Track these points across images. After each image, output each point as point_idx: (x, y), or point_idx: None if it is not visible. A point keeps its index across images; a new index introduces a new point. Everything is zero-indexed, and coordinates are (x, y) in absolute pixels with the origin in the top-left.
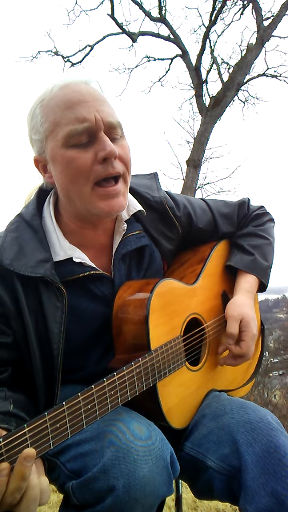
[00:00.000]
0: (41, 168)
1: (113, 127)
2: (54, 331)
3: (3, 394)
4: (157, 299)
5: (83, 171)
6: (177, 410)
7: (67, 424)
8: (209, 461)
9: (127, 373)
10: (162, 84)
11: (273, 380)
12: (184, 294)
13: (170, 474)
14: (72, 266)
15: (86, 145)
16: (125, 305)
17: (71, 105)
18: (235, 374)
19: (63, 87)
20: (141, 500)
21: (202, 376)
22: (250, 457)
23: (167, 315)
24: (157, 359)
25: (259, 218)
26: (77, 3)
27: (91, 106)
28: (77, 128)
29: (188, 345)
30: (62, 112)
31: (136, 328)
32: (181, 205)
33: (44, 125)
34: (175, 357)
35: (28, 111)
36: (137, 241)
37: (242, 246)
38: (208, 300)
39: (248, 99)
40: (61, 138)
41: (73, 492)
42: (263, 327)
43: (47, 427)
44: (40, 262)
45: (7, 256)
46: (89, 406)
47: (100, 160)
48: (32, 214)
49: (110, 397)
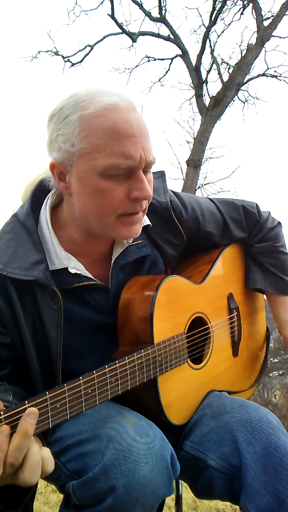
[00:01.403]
0: (57, 174)
1: (150, 164)
2: (52, 334)
3: (2, 387)
4: (163, 295)
5: (113, 203)
6: (177, 406)
7: (67, 405)
8: (209, 460)
9: (129, 362)
10: (162, 84)
11: (273, 380)
12: (190, 292)
13: (171, 474)
14: (67, 276)
15: (122, 178)
16: (131, 299)
17: (120, 137)
18: (237, 377)
19: (111, 110)
20: (141, 500)
21: (203, 375)
22: (250, 456)
23: (172, 312)
24: (159, 352)
25: (274, 230)
26: (77, 3)
27: (138, 142)
28: (121, 164)
29: (191, 343)
30: (108, 141)
31: (141, 322)
32: (189, 208)
33: (82, 143)
34: (177, 352)
35: (57, 109)
36: (138, 252)
37: (266, 268)
38: (214, 300)
39: (248, 99)
40: (99, 166)
41: (74, 492)
42: (268, 333)
43: (47, 406)
44: (33, 264)
45: (0, 260)
46: (89, 390)
47: (132, 199)
48: (26, 215)
49: (110, 384)
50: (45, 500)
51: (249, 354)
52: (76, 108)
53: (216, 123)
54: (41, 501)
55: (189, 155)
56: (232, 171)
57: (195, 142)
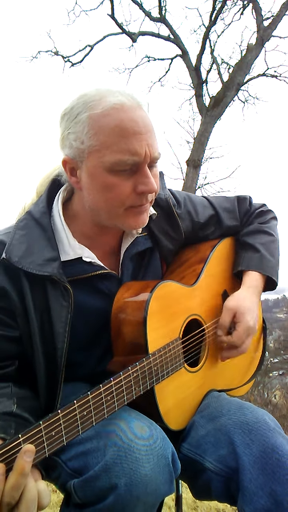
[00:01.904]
0: (69, 170)
1: (155, 160)
2: (59, 330)
3: (8, 390)
4: (156, 302)
5: (121, 198)
6: (175, 412)
7: (63, 431)
8: (206, 462)
9: (124, 378)
10: (162, 84)
11: (273, 380)
12: (184, 295)
13: (172, 472)
14: (81, 265)
15: (128, 174)
16: (123, 307)
17: (126, 135)
18: (235, 374)
19: (118, 109)
20: (143, 499)
21: (201, 376)
22: (247, 458)
23: (166, 318)
24: (154, 362)
25: (263, 216)
26: (77, 3)
27: (143, 139)
28: (127, 160)
29: (187, 347)
30: (115, 138)
31: (134, 330)
32: (182, 202)
33: (91, 140)
34: (173, 359)
35: (68, 108)
36: (145, 242)
37: (248, 244)
38: (208, 300)
39: (248, 99)
40: (107, 162)
41: (75, 490)
42: (265, 325)
43: (42, 436)
44: (47, 260)
45: (16, 253)
46: (85, 413)
47: (139, 192)
48: (41, 212)
49: (106, 403)
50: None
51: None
52: (86, 108)
53: (216, 123)
54: None
55: (189, 155)
56: (232, 171)
57: (195, 142)
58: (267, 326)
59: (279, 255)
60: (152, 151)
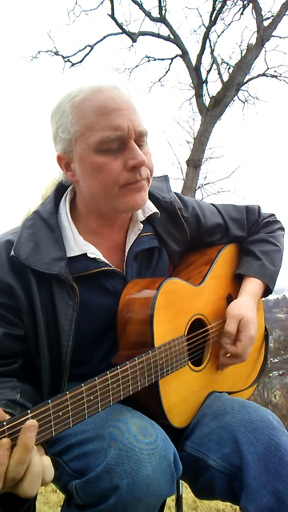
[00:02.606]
0: (64, 165)
1: (141, 135)
2: (64, 328)
3: (11, 384)
4: (163, 298)
5: (113, 177)
6: (178, 409)
7: (70, 413)
8: (210, 460)
9: (130, 367)
10: (162, 84)
11: (273, 380)
12: (190, 294)
13: (173, 473)
14: (86, 262)
15: (116, 152)
16: (130, 303)
17: (106, 112)
18: (238, 377)
19: (96, 91)
20: (144, 500)
21: (204, 377)
22: (251, 456)
23: (172, 314)
24: (160, 356)
25: (270, 225)
26: (77, 3)
27: (124, 114)
28: (110, 136)
29: (191, 345)
30: (96, 118)
31: (141, 326)
32: (190, 206)
33: (76, 127)
34: (178, 355)
35: (55, 107)
36: (150, 241)
37: (251, 252)
38: (213, 302)
39: (248, 99)
40: (93, 142)
41: (77, 491)
42: (267, 333)
43: (50, 415)
44: (55, 260)
45: (23, 251)
46: (91, 397)
47: (130, 168)
48: (49, 213)
49: (112, 390)
50: (45, 500)
51: (250, 356)
52: (68, 99)
53: (216, 123)
54: (41, 501)
55: (189, 155)
56: (232, 171)
57: (195, 142)
58: (267, 328)
59: (280, 265)
60: (136, 125)
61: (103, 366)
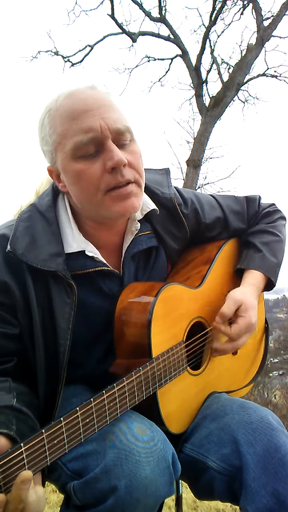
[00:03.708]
0: (55, 177)
1: (120, 133)
2: (62, 326)
3: (7, 384)
4: (161, 305)
5: (93, 182)
6: (177, 415)
7: (65, 440)
8: (209, 461)
9: (127, 384)
10: (162, 84)
11: (273, 380)
12: (189, 298)
13: (172, 474)
14: (83, 260)
15: (94, 156)
16: (128, 309)
17: (76, 116)
18: (236, 376)
19: (68, 96)
20: (143, 501)
21: (203, 379)
22: (250, 457)
23: (170, 322)
24: (158, 367)
25: (270, 216)
26: (77, 3)
27: (96, 114)
28: (82, 139)
29: (190, 350)
30: (68, 123)
31: (138, 333)
32: (189, 201)
33: (52, 137)
34: (176, 364)
35: (38, 120)
36: (148, 241)
37: (251, 244)
38: (213, 302)
39: (248, 99)
40: (68, 150)
41: (75, 492)
42: (267, 325)
43: (44, 445)
44: (52, 255)
45: (20, 246)
46: (87, 420)
47: (109, 170)
48: (47, 206)
49: (109, 409)
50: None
51: (248, 350)
52: (46, 111)
53: (216, 123)
54: None
55: (189, 155)
56: (232, 171)
57: (195, 142)
58: (267, 320)
59: (282, 256)
60: (111, 123)
61: (99, 369)
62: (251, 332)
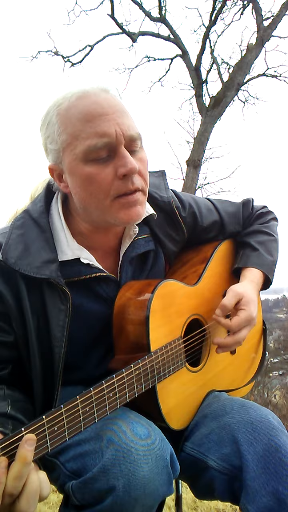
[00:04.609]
0: (56, 176)
1: (133, 139)
2: (56, 335)
3: (1, 392)
4: (158, 301)
5: (103, 187)
6: (177, 411)
7: (65, 426)
8: (210, 461)
9: (126, 375)
10: (162, 84)
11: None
12: (186, 295)
13: (170, 474)
14: (79, 267)
15: (106, 160)
16: (126, 306)
17: (91, 119)
18: (236, 375)
19: (82, 97)
20: (141, 500)
21: (202, 377)
22: (251, 456)
23: (168, 316)
24: (156, 360)
25: (263, 217)
26: (77, 3)
27: (111, 119)
28: (97, 143)
29: (188, 346)
30: (81, 125)
31: (136, 329)
32: (187, 204)
33: (62, 136)
34: (175, 358)
35: (43, 116)
36: (146, 245)
37: (247, 244)
38: (209, 300)
39: (248, 99)
40: (80, 152)
41: (73, 492)
42: (265, 327)
43: (44, 430)
44: (45, 263)
45: (12, 254)
46: (87, 409)
47: (120, 176)
48: (40, 212)
49: (108, 399)
50: (45, 500)
51: (247, 350)
52: (55, 108)
53: (216, 123)
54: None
55: (189, 155)
56: (232, 171)
57: (195, 142)
58: (267, 327)
59: (277, 255)
60: (125, 129)
61: (98, 372)
62: (251, 325)
